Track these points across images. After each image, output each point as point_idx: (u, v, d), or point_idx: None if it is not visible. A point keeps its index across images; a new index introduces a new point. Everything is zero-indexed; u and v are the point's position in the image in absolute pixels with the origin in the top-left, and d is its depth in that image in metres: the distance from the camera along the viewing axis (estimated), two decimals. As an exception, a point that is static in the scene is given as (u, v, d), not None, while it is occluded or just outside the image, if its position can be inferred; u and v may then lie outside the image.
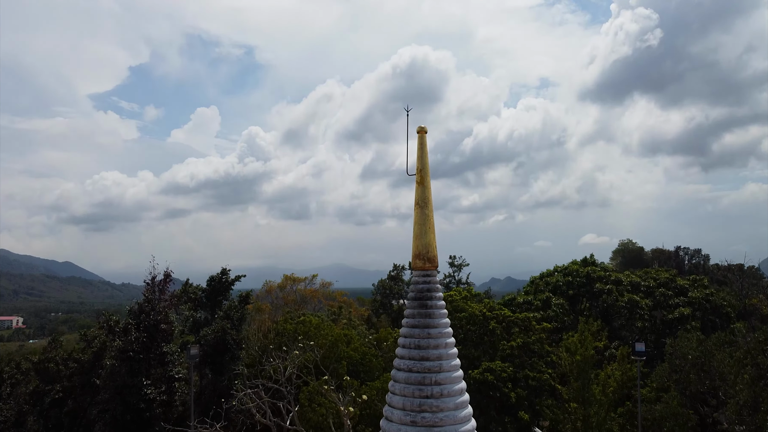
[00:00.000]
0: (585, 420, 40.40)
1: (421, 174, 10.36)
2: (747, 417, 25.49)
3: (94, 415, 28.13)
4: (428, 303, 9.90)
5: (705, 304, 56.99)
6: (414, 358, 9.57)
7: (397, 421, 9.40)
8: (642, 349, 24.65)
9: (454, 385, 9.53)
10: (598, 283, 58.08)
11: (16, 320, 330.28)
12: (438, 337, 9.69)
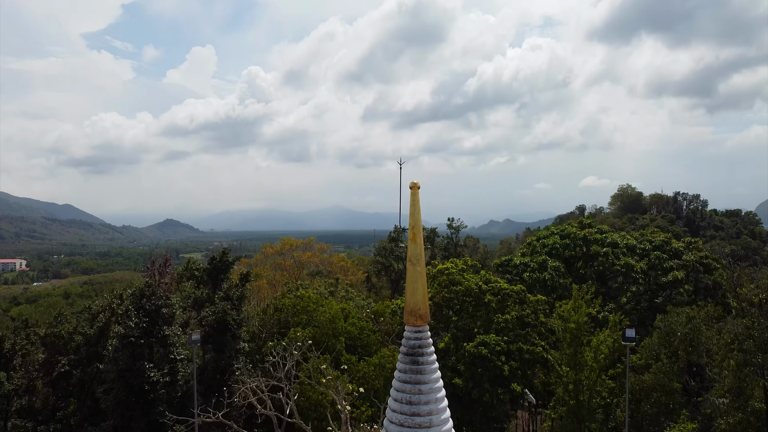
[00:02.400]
0: (576, 384, 41.74)
1: (414, 231, 10.50)
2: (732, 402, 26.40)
3: (99, 394, 29.17)
4: (419, 359, 10.26)
5: (698, 267, 57.84)
6: (405, 413, 10.00)
7: (389, 473, 9.89)
8: (632, 335, 25.32)
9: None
10: (595, 245, 58.76)
11: (20, 263, 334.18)
12: (428, 392, 10.09)
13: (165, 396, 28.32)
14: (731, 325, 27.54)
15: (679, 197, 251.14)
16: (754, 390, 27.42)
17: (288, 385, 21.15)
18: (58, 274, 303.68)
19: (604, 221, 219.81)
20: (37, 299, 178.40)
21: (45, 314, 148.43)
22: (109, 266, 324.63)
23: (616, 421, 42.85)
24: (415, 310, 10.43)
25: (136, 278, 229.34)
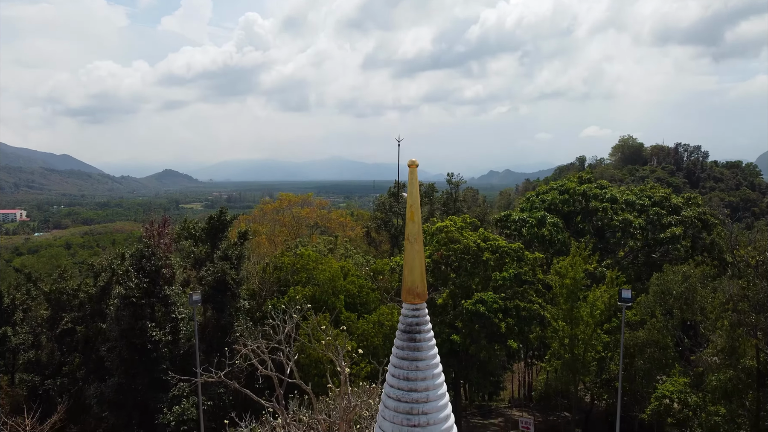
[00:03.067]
0: (572, 338, 42.52)
1: (412, 210, 10.45)
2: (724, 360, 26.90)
3: (103, 353, 29.74)
4: (417, 337, 10.37)
5: (697, 223, 58.01)
6: (403, 389, 10.18)
7: (387, 446, 10.15)
8: (628, 295, 25.58)
9: (439, 413, 10.22)
10: (594, 201, 58.73)
11: (20, 213, 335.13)
12: (425, 369, 10.24)
13: (167, 354, 28.88)
14: (727, 285, 27.83)
15: (680, 148, 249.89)
16: (746, 349, 27.97)
17: (288, 347, 21.48)
18: (59, 225, 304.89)
19: (603, 173, 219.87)
20: (39, 250, 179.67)
21: (47, 265, 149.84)
22: (109, 217, 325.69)
23: (609, 374, 43.85)
24: (412, 289, 10.47)
25: (137, 229, 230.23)
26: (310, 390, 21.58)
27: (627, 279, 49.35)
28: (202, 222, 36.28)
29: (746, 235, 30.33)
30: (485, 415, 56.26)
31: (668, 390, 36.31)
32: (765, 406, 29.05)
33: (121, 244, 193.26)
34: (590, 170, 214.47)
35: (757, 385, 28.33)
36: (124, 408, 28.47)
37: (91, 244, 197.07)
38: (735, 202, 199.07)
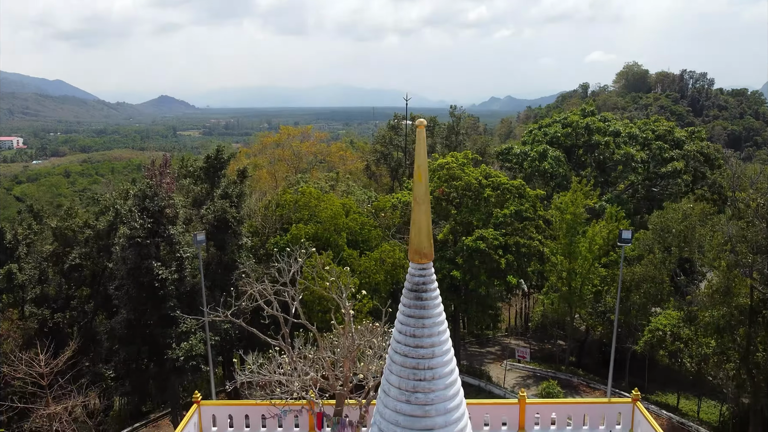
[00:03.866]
0: (570, 272, 43.34)
1: (419, 170, 10.41)
2: (719, 300, 27.49)
3: (112, 291, 30.32)
4: (423, 296, 10.56)
5: (699, 156, 57.81)
6: (409, 345, 10.46)
7: (394, 398, 10.55)
8: (628, 236, 25.82)
9: (445, 368, 10.55)
10: (597, 134, 58.25)
11: (16, 141, 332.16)
12: (432, 326, 10.49)
13: (174, 292, 29.47)
14: (726, 227, 28.07)
15: (685, 75, 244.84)
16: (740, 289, 28.55)
17: (293, 288, 21.88)
18: (57, 152, 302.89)
19: (606, 100, 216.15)
20: (39, 178, 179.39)
21: (47, 194, 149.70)
22: (106, 144, 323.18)
23: (605, 306, 44.93)
24: (419, 249, 10.57)
25: (135, 156, 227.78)
26: (314, 329, 22.16)
27: (626, 213, 49.71)
28: (200, 161, 36.06)
29: (748, 171, 30.18)
30: (483, 344, 58.09)
31: (662, 323, 37.38)
32: (755, 341, 29.98)
33: (120, 173, 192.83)
34: (593, 97, 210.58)
35: (749, 321, 29.13)
36: (134, 343, 29.39)
37: (90, 173, 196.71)
38: (738, 131, 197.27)
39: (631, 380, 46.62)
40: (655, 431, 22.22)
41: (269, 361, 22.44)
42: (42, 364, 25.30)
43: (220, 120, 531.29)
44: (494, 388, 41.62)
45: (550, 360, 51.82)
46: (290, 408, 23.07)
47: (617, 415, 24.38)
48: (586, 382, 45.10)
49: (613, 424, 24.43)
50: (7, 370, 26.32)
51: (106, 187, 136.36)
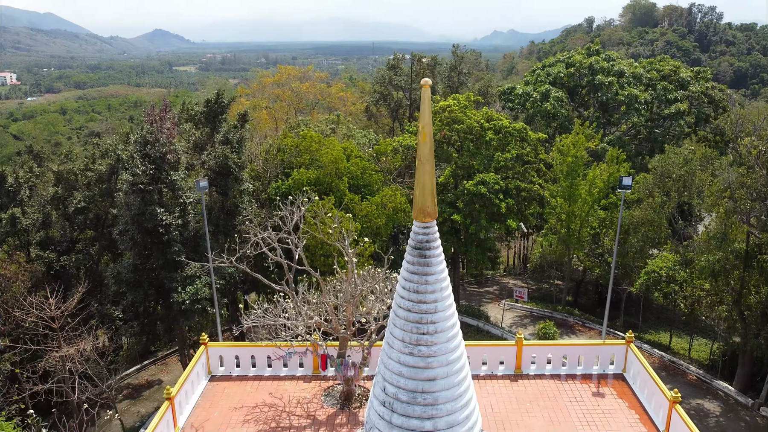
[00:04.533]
0: (569, 215, 43.72)
1: (424, 130, 10.45)
2: (715, 245, 27.88)
3: (116, 236, 30.67)
4: (426, 253, 10.79)
5: (703, 98, 57.13)
6: (413, 301, 10.77)
7: (398, 350, 10.97)
8: (629, 183, 25.89)
9: (447, 322, 10.90)
10: (600, 75, 57.35)
11: (9, 76, 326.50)
12: (434, 283, 10.77)
13: (178, 237, 29.83)
14: (726, 173, 28.15)
15: (693, 9, 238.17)
16: (737, 235, 28.92)
17: (296, 236, 22.23)
18: (51, 89, 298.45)
19: (612, 35, 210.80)
20: (34, 116, 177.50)
21: (45, 131, 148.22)
22: (101, 80, 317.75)
23: (602, 248, 45.54)
24: (423, 208, 10.73)
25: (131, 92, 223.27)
26: (318, 275, 22.65)
27: (627, 155, 49.66)
28: (200, 105, 35.69)
29: (752, 113, 29.91)
30: (481, 283, 59.26)
31: (658, 266, 38.04)
32: (748, 284, 30.64)
33: (116, 110, 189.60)
34: (598, 32, 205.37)
35: (743, 266, 29.67)
36: (140, 286, 29.99)
37: (87, 110, 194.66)
38: (744, 68, 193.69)
39: (626, 319, 47.90)
40: (647, 371, 23.04)
41: (274, 305, 23.08)
42: (52, 308, 25.95)
43: (216, 55, 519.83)
44: (492, 329, 42.78)
45: (547, 300, 53.00)
46: (295, 350, 23.88)
47: (611, 356, 25.23)
48: (582, 321, 46.30)
49: (607, 364, 25.30)
50: (19, 314, 27.02)
51: (102, 125, 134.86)
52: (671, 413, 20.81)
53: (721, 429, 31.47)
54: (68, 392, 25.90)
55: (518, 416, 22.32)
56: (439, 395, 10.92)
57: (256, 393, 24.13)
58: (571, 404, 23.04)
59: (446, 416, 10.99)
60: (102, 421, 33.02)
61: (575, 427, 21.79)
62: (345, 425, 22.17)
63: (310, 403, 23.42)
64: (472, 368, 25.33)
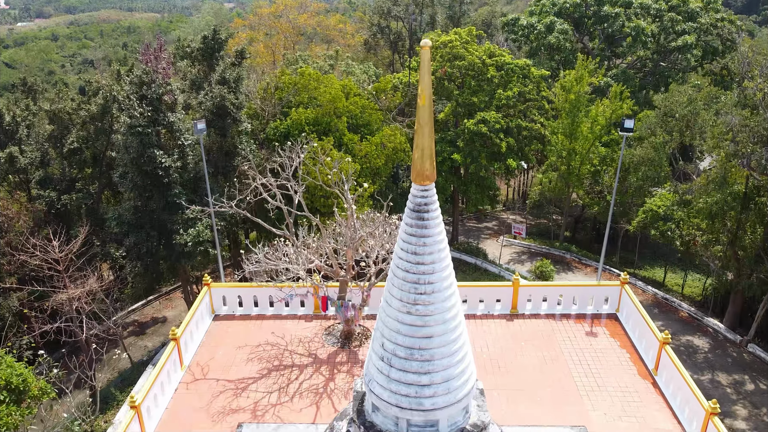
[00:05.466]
0: (570, 152, 43.58)
1: (423, 94, 10.32)
2: (713, 193, 27.88)
3: (116, 179, 30.62)
4: (425, 216, 10.89)
5: (712, 30, 55.59)
6: (411, 262, 10.96)
7: (396, 309, 11.27)
8: (630, 126, 25.63)
9: (444, 282, 11.13)
10: (607, 5, 55.54)
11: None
12: (432, 244, 10.91)
13: (178, 179, 29.81)
14: (729, 116, 27.77)
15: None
16: (737, 178, 28.89)
17: (295, 183, 22.27)
18: (41, 14, 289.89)
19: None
20: (26, 42, 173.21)
21: (37, 59, 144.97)
22: (93, 4, 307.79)
23: (602, 186, 45.64)
24: (422, 171, 10.74)
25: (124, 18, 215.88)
26: (317, 220, 22.86)
27: (632, 90, 48.87)
28: (197, 41, 34.70)
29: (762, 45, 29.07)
30: (480, 219, 59.69)
31: (656, 204, 38.25)
32: (744, 225, 30.93)
33: (109, 36, 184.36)
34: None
35: (741, 207, 29.83)
36: (142, 228, 30.22)
37: (79, 36, 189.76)
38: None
39: (623, 255, 48.63)
40: (639, 312, 23.65)
41: (274, 249, 23.41)
42: (56, 251, 26.33)
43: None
44: (490, 266, 43.43)
45: (545, 236, 53.56)
46: (296, 292, 24.44)
47: (605, 297, 25.81)
48: (579, 258, 46.97)
49: (601, 304, 25.91)
50: (24, 257, 27.44)
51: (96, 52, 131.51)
52: (661, 353, 21.53)
53: (708, 364, 32.60)
54: (76, 332, 26.69)
55: (513, 355, 23.06)
56: (436, 352, 11.29)
57: (258, 332, 24.86)
58: (565, 343, 23.74)
59: (442, 371, 11.40)
60: (110, 355, 34.25)
61: (568, 365, 22.57)
62: (345, 363, 23.00)
63: (312, 342, 24.18)
64: (470, 308, 25.98)
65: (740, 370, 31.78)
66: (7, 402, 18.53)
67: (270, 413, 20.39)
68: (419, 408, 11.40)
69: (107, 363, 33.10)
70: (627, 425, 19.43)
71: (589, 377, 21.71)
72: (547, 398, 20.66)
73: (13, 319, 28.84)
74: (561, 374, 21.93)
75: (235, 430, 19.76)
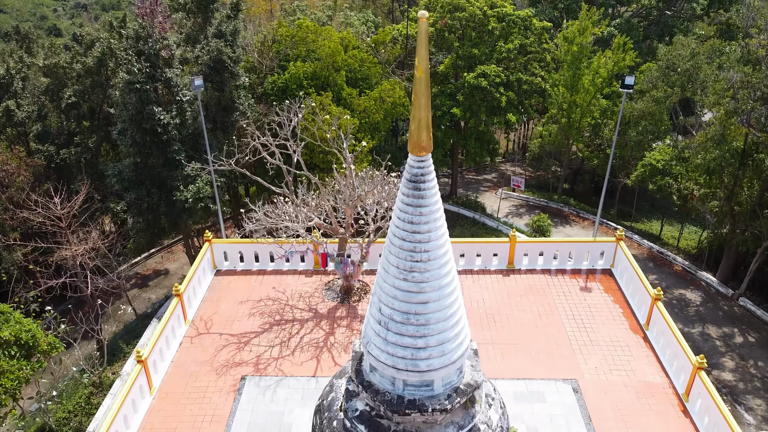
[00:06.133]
0: (570, 104, 43.30)
1: (420, 66, 10.33)
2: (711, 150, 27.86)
3: (115, 136, 30.50)
4: (421, 186, 11.05)
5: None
6: (407, 231, 11.19)
7: (393, 276, 11.58)
8: (631, 82, 25.38)
9: (439, 250, 11.39)
10: (616, -50, 53.93)
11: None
12: (428, 214, 11.11)
13: (177, 136, 29.72)
14: (730, 73, 27.45)
15: None
16: (735, 135, 28.81)
17: (294, 143, 22.29)
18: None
19: None
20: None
21: (28, 3, 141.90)
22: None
23: (602, 139, 45.51)
24: (418, 143, 10.84)
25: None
26: (317, 179, 23.01)
27: (635, 40, 48.04)
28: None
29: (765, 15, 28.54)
30: (480, 170, 59.70)
31: (655, 159, 38.28)
32: (741, 181, 31.07)
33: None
34: None
35: (738, 164, 29.90)
36: (142, 185, 30.33)
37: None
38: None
39: (620, 208, 48.93)
40: (633, 268, 24.09)
41: (274, 206, 23.66)
42: (58, 208, 26.56)
43: None
44: (488, 220, 43.73)
45: (544, 188, 53.70)
46: (296, 249, 24.83)
47: (600, 252, 26.19)
48: (576, 211, 47.26)
49: (596, 260, 26.33)
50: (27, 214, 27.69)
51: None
52: (652, 309, 22.07)
53: (700, 317, 33.36)
54: (81, 287, 27.22)
55: (508, 310, 23.61)
56: (431, 316, 11.66)
57: (260, 287, 25.39)
58: (559, 298, 24.27)
59: (437, 335, 11.80)
60: (114, 307, 35.00)
61: (561, 320, 23.15)
62: (345, 318, 23.60)
63: (312, 297, 24.73)
64: (467, 264, 26.41)
65: (730, 323, 32.56)
66: (18, 357, 19.15)
67: (272, 366, 21.07)
68: (415, 369, 11.85)
69: (112, 316, 33.87)
70: (617, 378, 20.11)
71: (582, 332, 22.29)
72: (540, 352, 21.30)
73: (19, 274, 29.35)
74: (555, 329, 22.52)
75: (238, 383, 20.46)
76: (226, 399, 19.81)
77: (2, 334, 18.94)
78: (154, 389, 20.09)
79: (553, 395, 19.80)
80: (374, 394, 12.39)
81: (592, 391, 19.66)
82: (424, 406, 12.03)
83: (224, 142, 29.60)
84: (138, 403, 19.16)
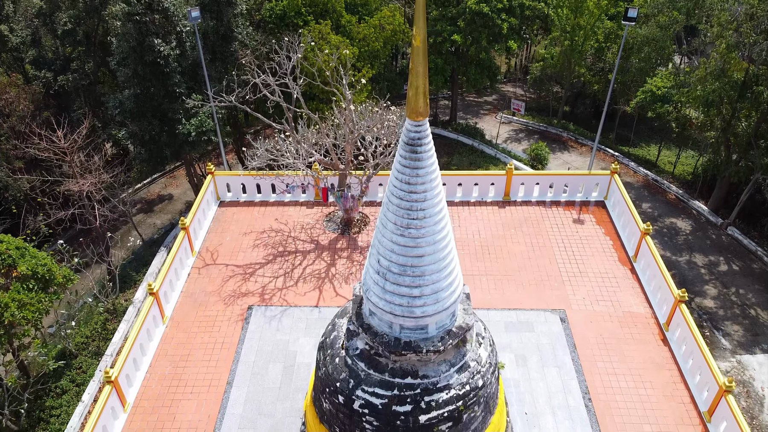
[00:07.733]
0: (574, 27, 42.50)
1: (418, 37, 10.60)
2: (711, 82, 27.75)
3: (114, 66, 30.13)
4: (418, 149, 11.57)
5: None
6: (404, 191, 11.83)
7: (390, 231, 12.33)
8: (634, 15, 24.91)
9: (435, 209, 12.06)
10: None
11: None
12: (425, 175, 11.69)
13: (177, 68, 29.44)
14: (734, 5, 26.86)
15: None
16: (736, 70, 28.57)
17: (294, 83, 22.34)
18: None
19: None
20: None
21: None
22: None
23: (604, 63, 44.92)
24: (416, 109, 11.26)
25: None
26: (317, 117, 23.26)
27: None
28: None
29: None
30: (480, 93, 59.05)
31: (656, 86, 38.07)
32: (739, 113, 31.17)
33: None
34: None
35: (737, 96, 29.87)
36: (144, 116, 30.36)
37: None
38: None
39: (619, 132, 48.96)
40: (625, 202, 24.81)
41: (275, 142, 24.02)
42: (62, 141, 26.85)
43: None
44: (486, 148, 43.88)
45: (545, 111, 53.43)
46: (296, 183, 25.46)
47: (594, 185, 26.80)
48: (575, 137, 47.36)
49: (590, 192, 26.98)
50: (30, 148, 27.98)
51: None
52: (641, 243, 22.99)
53: (688, 246, 34.44)
54: (89, 219, 28.01)
55: (503, 242, 24.50)
56: (426, 269, 12.52)
57: (263, 218, 26.20)
58: (552, 231, 25.11)
59: (431, 285, 12.72)
60: (122, 232, 36.01)
61: (553, 252, 24.11)
62: (345, 249, 24.58)
63: (313, 228, 25.60)
64: (465, 195, 27.06)
65: (717, 252, 33.68)
66: (36, 290, 20.24)
67: (277, 297, 22.24)
68: (411, 315, 12.86)
69: (120, 242, 34.94)
70: (603, 308, 21.31)
71: (573, 263, 23.28)
72: (531, 283, 22.38)
73: (28, 205, 30.03)
74: (546, 260, 23.50)
75: (245, 312, 21.71)
76: (234, 327, 21.08)
77: (20, 269, 19.92)
78: (166, 318, 21.33)
79: (542, 325, 21.05)
80: (373, 336, 13.48)
81: (579, 320, 20.87)
82: (419, 348, 13.14)
83: (223, 73, 29.43)
84: (152, 332, 20.44)
